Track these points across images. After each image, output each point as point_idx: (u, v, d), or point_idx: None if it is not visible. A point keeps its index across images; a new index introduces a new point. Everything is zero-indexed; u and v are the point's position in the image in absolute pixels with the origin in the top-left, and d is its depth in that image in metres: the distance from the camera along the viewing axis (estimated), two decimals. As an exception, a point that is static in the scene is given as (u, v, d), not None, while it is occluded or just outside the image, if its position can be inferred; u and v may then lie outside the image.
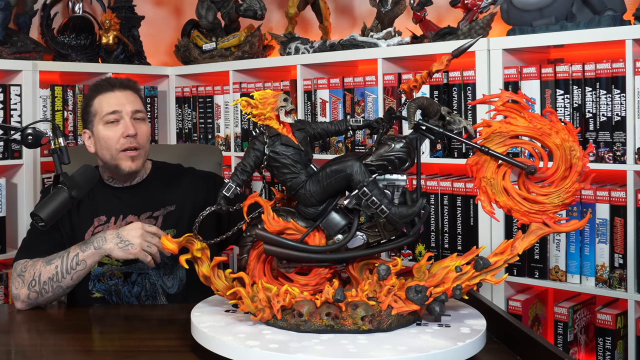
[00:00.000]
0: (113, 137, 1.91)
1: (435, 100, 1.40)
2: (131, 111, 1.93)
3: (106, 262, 1.89)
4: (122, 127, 1.91)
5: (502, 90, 1.37)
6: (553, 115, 1.32)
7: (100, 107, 1.94)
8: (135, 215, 1.93)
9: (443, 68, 1.35)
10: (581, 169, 1.31)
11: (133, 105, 1.94)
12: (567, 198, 1.32)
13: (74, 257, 1.74)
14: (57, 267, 1.73)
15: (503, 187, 1.34)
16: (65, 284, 1.74)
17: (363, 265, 1.41)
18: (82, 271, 1.74)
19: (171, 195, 1.97)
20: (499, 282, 1.37)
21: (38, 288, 1.74)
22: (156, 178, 2.01)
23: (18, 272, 1.78)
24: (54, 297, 1.76)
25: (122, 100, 1.93)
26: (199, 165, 2.18)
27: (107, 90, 1.95)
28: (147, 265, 1.89)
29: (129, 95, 1.96)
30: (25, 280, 1.75)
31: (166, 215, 1.93)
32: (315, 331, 1.32)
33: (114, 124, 1.92)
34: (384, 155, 1.33)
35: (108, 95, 1.94)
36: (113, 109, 1.92)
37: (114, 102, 1.93)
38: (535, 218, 1.34)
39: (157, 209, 1.95)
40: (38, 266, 1.76)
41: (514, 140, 1.34)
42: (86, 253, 1.74)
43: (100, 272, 1.89)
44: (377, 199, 1.32)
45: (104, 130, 1.92)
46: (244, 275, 1.40)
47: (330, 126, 1.47)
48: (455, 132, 1.36)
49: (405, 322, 1.35)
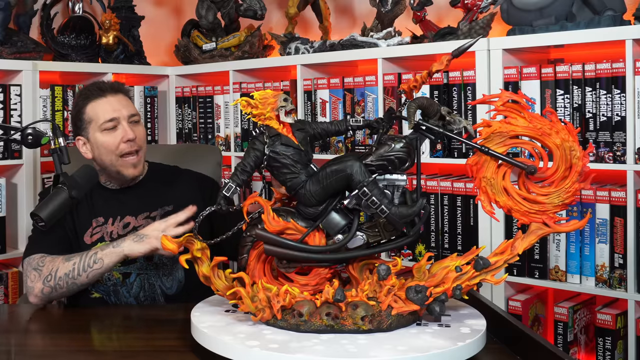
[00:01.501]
0: (112, 143, 1.91)
1: (435, 100, 1.39)
2: (127, 115, 1.94)
3: None
4: (121, 133, 1.91)
5: (502, 90, 1.36)
6: (553, 115, 1.32)
7: (95, 114, 1.93)
8: (132, 215, 1.94)
9: (443, 68, 1.35)
10: (581, 169, 1.31)
11: (128, 110, 1.95)
12: (567, 198, 1.32)
13: (92, 255, 1.75)
14: (74, 263, 1.75)
15: (503, 187, 1.34)
16: (80, 281, 1.75)
17: (363, 265, 1.41)
18: (98, 270, 1.74)
19: (169, 196, 1.98)
20: (499, 282, 1.37)
21: (53, 283, 1.75)
22: (153, 179, 2.02)
23: (34, 266, 1.79)
24: (67, 293, 1.77)
25: (116, 106, 1.94)
26: (199, 165, 2.18)
27: (99, 97, 1.95)
28: (145, 266, 1.89)
29: (121, 100, 1.96)
30: (42, 275, 1.76)
31: (163, 215, 1.93)
32: (315, 331, 1.32)
33: (112, 130, 1.92)
34: (384, 155, 1.33)
35: (101, 102, 1.94)
36: (110, 116, 1.92)
37: (109, 108, 1.93)
38: (535, 218, 1.34)
39: (154, 209, 1.95)
40: (57, 262, 1.77)
41: (514, 140, 1.34)
42: (104, 251, 1.75)
43: None
44: (377, 199, 1.32)
45: (102, 137, 1.92)
46: (244, 275, 1.40)
47: (330, 126, 1.47)
48: (455, 132, 1.36)
49: (405, 322, 1.35)
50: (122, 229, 1.93)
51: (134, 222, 1.94)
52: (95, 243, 1.91)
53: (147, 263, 1.90)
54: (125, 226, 1.94)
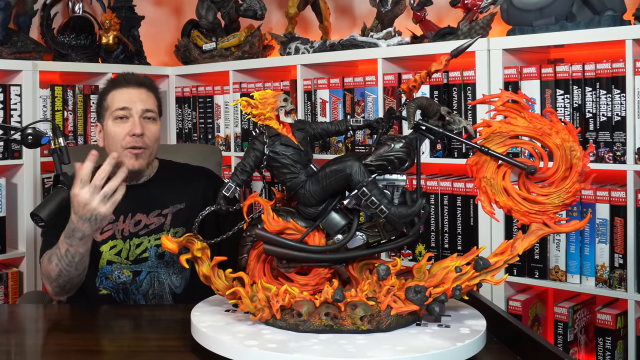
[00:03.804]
0: (120, 133, 1.89)
1: (434, 100, 1.39)
2: (141, 110, 1.91)
3: (115, 261, 1.89)
4: (129, 125, 1.89)
5: (502, 90, 1.36)
6: (553, 115, 1.32)
7: (112, 101, 1.93)
8: (143, 213, 1.93)
9: (442, 68, 1.35)
10: (581, 169, 1.30)
11: (144, 104, 1.92)
12: (567, 198, 1.31)
13: (66, 253, 1.71)
14: (57, 265, 1.73)
15: (503, 187, 1.33)
16: (74, 273, 1.74)
17: (363, 265, 1.41)
18: (81, 258, 1.72)
19: (181, 194, 1.96)
20: (499, 282, 1.36)
21: (56, 284, 1.77)
22: (164, 176, 2.00)
23: (42, 273, 1.82)
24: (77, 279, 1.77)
25: (134, 97, 1.92)
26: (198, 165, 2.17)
27: (122, 86, 1.94)
28: (156, 264, 1.89)
29: (142, 93, 1.94)
30: (46, 280, 1.79)
31: (175, 213, 1.93)
32: (314, 331, 1.32)
33: (122, 121, 1.90)
34: (384, 155, 1.33)
35: (121, 91, 1.93)
36: (123, 105, 1.90)
37: (125, 98, 1.92)
38: (535, 218, 1.33)
39: (165, 206, 1.94)
40: (44, 266, 1.79)
41: (514, 141, 1.33)
42: (74, 245, 1.69)
43: (109, 270, 1.89)
44: (377, 199, 1.32)
45: (112, 126, 1.91)
46: (244, 275, 1.40)
47: (330, 126, 1.47)
48: (455, 132, 1.36)
49: (405, 322, 1.34)
50: (133, 227, 1.92)
51: (145, 219, 1.93)
52: (106, 241, 1.90)
53: (158, 261, 1.90)
54: (137, 223, 1.92)
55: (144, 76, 2.01)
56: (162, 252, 1.90)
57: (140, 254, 1.90)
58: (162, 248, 1.48)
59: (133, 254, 1.90)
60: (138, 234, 1.91)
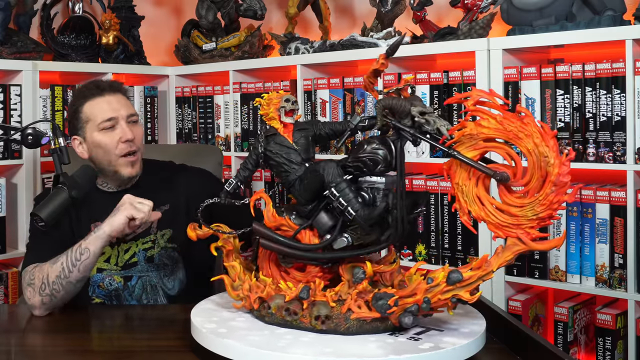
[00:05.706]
0: (110, 142, 1.89)
1: (404, 101, 1.31)
2: (126, 115, 1.92)
3: (105, 268, 1.89)
4: (119, 132, 1.89)
5: (473, 89, 1.29)
6: (527, 116, 1.17)
7: (93, 113, 1.91)
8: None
9: (379, 67, 1.33)
10: (556, 179, 1.13)
11: (127, 109, 1.93)
12: (542, 211, 1.15)
13: (77, 248, 1.71)
14: (62, 263, 1.70)
15: (476, 195, 1.22)
16: (73, 277, 1.69)
17: (351, 266, 1.40)
18: (87, 260, 1.70)
19: (165, 195, 1.95)
20: (472, 299, 1.24)
21: (49, 290, 1.70)
22: (148, 179, 1.99)
23: (27, 282, 1.73)
24: (66, 295, 1.71)
25: (115, 105, 1.92)
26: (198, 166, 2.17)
27: (97, 96, 1.93)
28: (146, 268, 1.89)
29: (120, 99, 1.95)
30: (36, 287, 1.71)
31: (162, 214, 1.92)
32: (277, 324, 1.35)
33: (110, 130, 1.90)
34: (358, 157, 1.32)
35: (99, 101, 1.92)
36: (109, 115, 1.90)
37: (108, 108, 1.91)
38: (509, 232, 1.20)
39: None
40: (45, 269, 1.72)
41: (486, 144, 1.20)
42: (88, 240, 1.71)
43: (100, 278, 1.88)
44: (344, 200, 1.30)
45: (100, 137, 1.90)
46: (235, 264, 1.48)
47: (338, 126, 1.48)
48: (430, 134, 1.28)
49: (371, 329, 1.30)
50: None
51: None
52: None
53: (148, 265, 1.90)
54: None
55: (113, 81, 2.05)
56: (151, 256, 1.89)
57: (129, 259, 1.90)
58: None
59: (122, 259, 1.90)
60: (125, 239, 1.90)
